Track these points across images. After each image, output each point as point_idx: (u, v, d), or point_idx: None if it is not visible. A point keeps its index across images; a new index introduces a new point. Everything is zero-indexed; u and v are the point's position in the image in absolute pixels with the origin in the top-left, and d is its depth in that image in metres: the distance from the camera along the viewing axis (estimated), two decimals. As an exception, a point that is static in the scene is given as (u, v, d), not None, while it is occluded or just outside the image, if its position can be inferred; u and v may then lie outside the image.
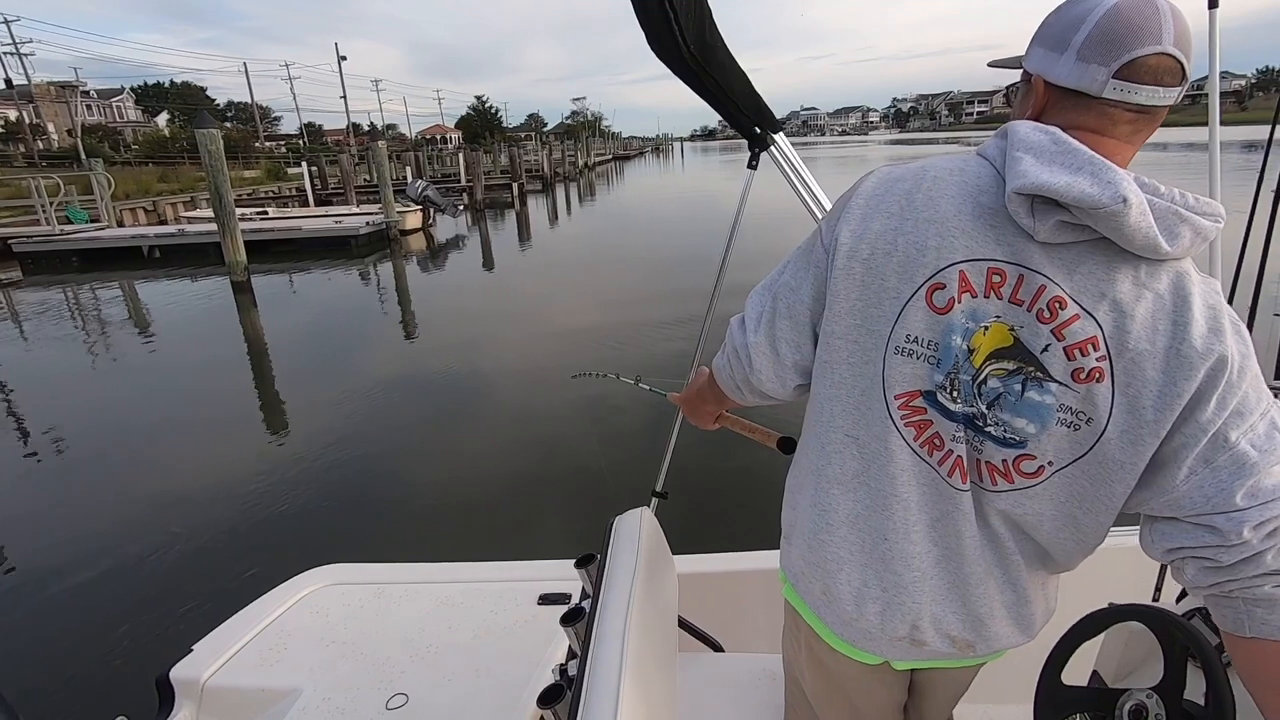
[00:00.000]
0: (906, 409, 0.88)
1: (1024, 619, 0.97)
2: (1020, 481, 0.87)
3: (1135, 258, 0.79)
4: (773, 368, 1.00)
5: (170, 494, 4.78)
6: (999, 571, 0.94)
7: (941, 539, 0.92)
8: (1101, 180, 0.75)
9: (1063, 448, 0.84)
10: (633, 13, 1.43)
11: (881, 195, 0.89)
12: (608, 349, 7.61)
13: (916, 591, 0.94)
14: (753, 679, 1.55)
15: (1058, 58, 0.83)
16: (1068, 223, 0.78)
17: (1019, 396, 0.84)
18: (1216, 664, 0.99)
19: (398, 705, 1.47)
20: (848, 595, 0.97)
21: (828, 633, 1.05)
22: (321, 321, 10.29)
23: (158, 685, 1.61)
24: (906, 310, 0.85)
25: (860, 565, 0.95)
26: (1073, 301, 0.80)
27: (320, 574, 1.97)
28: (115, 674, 3.05)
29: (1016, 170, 0.78)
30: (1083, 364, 0.80)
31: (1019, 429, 0.85)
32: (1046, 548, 0.93)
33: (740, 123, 1.69)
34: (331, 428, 5.75)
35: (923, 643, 0.97)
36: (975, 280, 0.83)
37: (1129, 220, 0.74)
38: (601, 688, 0.98)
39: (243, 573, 3.75)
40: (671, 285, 11.05)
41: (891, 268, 0.85)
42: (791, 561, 1.06)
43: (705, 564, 1.98)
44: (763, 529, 2.48)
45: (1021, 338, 0.82)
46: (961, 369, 0.85)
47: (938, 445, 0.89)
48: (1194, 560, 0.83)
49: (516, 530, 4.15)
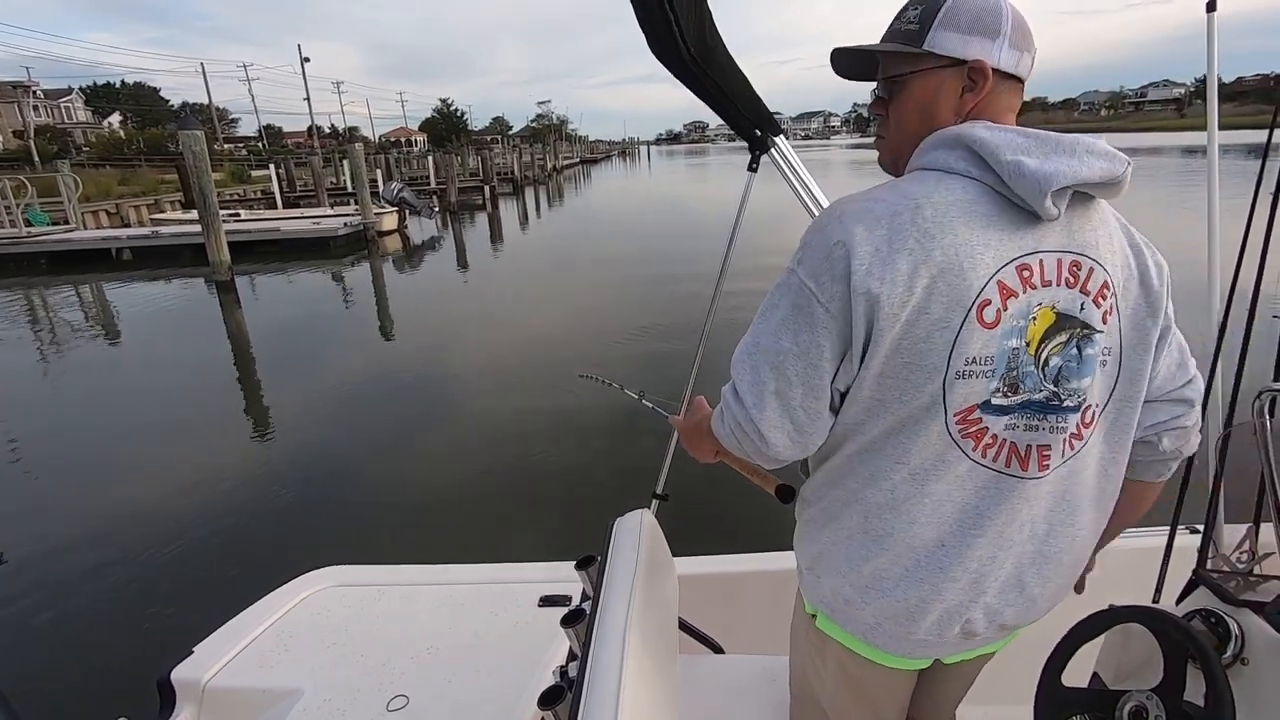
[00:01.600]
0: (964, 423, 0.90)
1: (1066, 588, 1.04)
2: (1086, 434, 0.94)
3: (1091, 204, 0.91)
4: (790, 438, 0.95)
5: (170, 492, 4.78)
6: (1055, 549, 0.98)
7: (1008, 537, 0.95)
8: (1100, 153, 0.85)
9: (1102, 386, 0.94)
10: (628, 15, 1.42)
11: (888, 235, 0.85)
12: (598, 347, 7.63)
13: (975, 591, 0.96)
14: (753, 680, 1.55)
15: (992, 43, 0.89)
16: (1066, 197, 0.86)
17: (1078, 359, 0.90)
18: (1216, 665, 0.99)
19: (399, 707, 1.47)
20: (902, 613, 0.97)
21: (875, 653, 1.05)
22: (307, 320, 10.32)
23: (158, 687, 1.61)
24: (961, 336, 0.85)
25: (917, 581, 0.96)
26: (1084, 257, 0.89)
27: (321, 576, 1.97)
28: (116, 675, 3.04)
29: (1026, 174, 0.83)
30: (1105, 306, 0.90)
31: (1083, 389, 0.91)
32: (1093, 506, 0.99)
33: (740, 125, 1.69)
34: (326, 427, 5.76)
35: (974, 634, 1.00)
36: (1011, 283, 0.86)
37: (1128, 176, 0.86)
38: (602, 689, 0.98)
39: (242, 573, 3.75)
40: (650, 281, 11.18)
41: (937, 301, 0.85)
42: (827, 593, 1.04)
43: (705, 565, 1.98)
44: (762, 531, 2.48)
45: (1062, 310, 0.88)
46: (1021, 365, 0.88)
47: (992, 444, 0.91)
48: (1169, 432, 1.02)
49: (515, 529, 4.15)
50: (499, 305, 10.84)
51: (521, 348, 7.94)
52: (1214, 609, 1.22)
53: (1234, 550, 1.35)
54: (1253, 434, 1.26)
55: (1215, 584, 1.26)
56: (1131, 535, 1.90)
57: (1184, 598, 1.32)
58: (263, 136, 67.34)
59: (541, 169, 46.15)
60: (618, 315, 9.13)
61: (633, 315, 9.07)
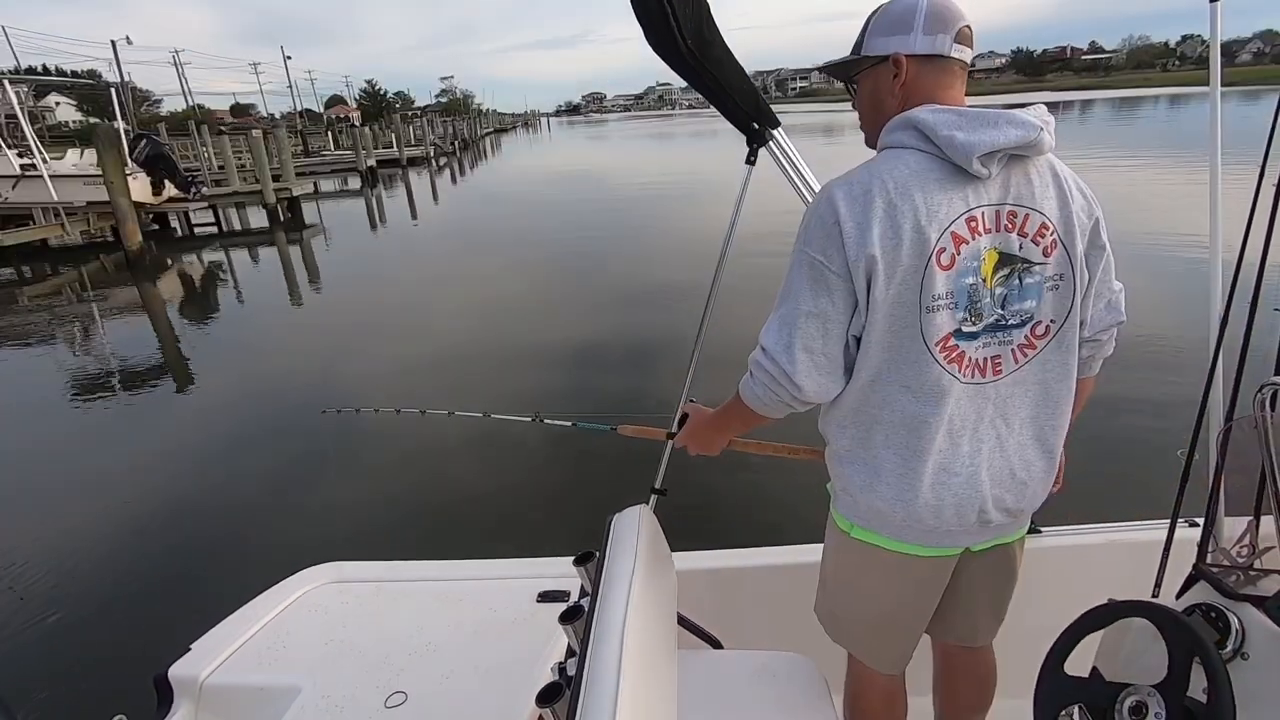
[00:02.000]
0: (944, 349, 1.14)
1: (1049, 472, 1.27)
2: (1040, 344, 1.20)
3: (1030, 162, 1.14)
4: (818, 381, 1.18)
5: (168, 492, 4.78)
6: (1033, 438, 1.24)
7: (988, 432, 1.20)
8: (1018, 123, 1.08)
9: (1055, 305, 1.18)
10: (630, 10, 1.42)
11: (864, 209, 1.10)
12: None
13: (978, 484, 1.21)
14: (752, 675, 1.55)
15: (906, 36, 1.14)
16: (998, 159, 1.10)
17: (1020, 287, 1.16)
18: (1216, 661, 0.99)
19: (397, 703, 1.47)
20: (928, 513, 1.21)
21: (910, 547, 1.28)
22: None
23: (156, 684, 1.60)
24: (926, 278, 1.10)
25: (932, 484, 1.20)
26: (1019, 206, 1.13)
27: (318, 572, 1.97)
28: (113, 673, 3.04)
29: (958, 144, 1.07)
30: (1045, 242, 1.15)
31: (1027, 310, 1.17)
32: (1059, 399, 1.24)
33: (738, 118, 1.68)
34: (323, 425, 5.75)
35: (989, 521, 1.24)
36: (962, 232, 1.11)
37: (1045, 139, 1.10)
38: (600, 686, 0.98)
39: (240, 570, 3.74)
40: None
41: (905, 254, 1.09)
42: (861, 507, 1.28)
43: (704, 560, 1.98)
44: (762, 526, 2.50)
45: (1004, 250, 1.14)
46: (980, 297, 1.14)
47: (971, 365, 1.16)
48: (1108, 329, 1.30)
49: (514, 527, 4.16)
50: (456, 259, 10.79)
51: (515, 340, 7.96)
52: (1214, 603, 1.21)
53: (1234, 544, 1.34)
54: (1254, 427, 1.25)
55: (1215, 578, 1.26)
56: (1131, 529, 1.91)
57: (1184, 592, 1.31)
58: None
59: (466, 139, 56.22)
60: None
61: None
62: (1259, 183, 1.44)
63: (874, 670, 1.46)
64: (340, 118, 75.26)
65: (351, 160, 29.37)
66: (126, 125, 17.36)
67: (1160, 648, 1.07)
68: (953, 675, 1.57)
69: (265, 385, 7.07)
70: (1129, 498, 3.52)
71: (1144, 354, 5.49)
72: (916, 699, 1.60)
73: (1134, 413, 4.53)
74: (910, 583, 1.34)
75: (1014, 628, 1.50)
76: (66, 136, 26.74)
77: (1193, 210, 10.78)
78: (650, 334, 7.44)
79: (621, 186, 21.90)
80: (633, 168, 29.35)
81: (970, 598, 1.43)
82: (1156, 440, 4.17)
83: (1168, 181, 15.45)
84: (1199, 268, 1.55)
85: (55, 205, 14.81)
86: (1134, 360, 5.27)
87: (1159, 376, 5.02)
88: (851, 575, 1.40)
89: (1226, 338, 1.46)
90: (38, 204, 15.08)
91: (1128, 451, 4.29)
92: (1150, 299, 6.83)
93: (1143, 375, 5.11)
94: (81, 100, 56.97)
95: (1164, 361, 5.32)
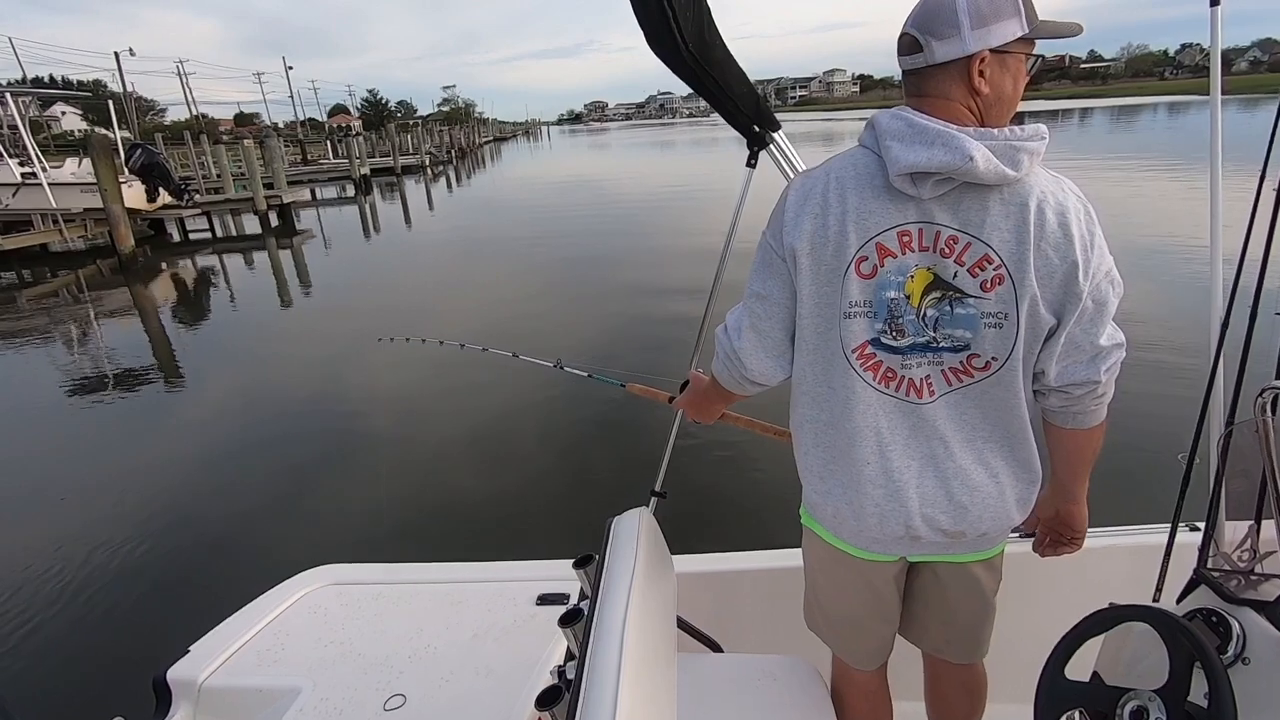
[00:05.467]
0: (862, 357, 1.15)
1: (1000, 498, 1.19)
2: (979, 375, 1.14)
3: (994, 191, 1.05)
4: (762, 361, 1.23)
5: (167, 491, 4.77)
6: (976, 462, 1.18)
7: (919, 450, 1.17)
8: (950, 147, 1.00)
9: (997, 344, 1.11)
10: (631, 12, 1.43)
11: (803, 201, 1.13)
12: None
13: (905, 499, 1.17)
14: (752, 679, 1.55)
15: (1009, 22, 1.05)
16: (941, 179, 1.04)
17: (951, 314, 1.11)
18: (1218, 665, 0.99)
19: (396, 706, 1.47)
20: (847, 514, 1.22)
21: (842, 544, 1.30)
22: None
23: (154, 686, 1.60)
24: (845, 283, 1.11)
25: (855, 490, 1.20)
26: (962, 234, 1.07)
27: (318, 574, 1.96)
28: (111, 675, 3.04)
29: (890, 158, 1.05)
30: (985, 276, 1.08)
31: (960, 336, 1.12)
32: (1008, 432, 1.17)
33: (738, 121, 1.68)
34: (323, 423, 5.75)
35: (918, 538, 1.21)
36: (890, 245, 1.09)
37: (979, 168, 1.00)
38: (600, 689, 0.97)
39: (239, 572, 3.74)
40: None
41: (829, 254, 1.11)
42: (807, 495, 1.32)
43: (704, 564, 1.98)
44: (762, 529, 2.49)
45: (937, 273, 1.10)
46: (902, 313, 1.12)
47: (890, 376, 1.15)
48: (1080, 385, 1.16)
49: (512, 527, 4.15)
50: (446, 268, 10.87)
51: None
52: (1215, 608, 1.21)
53: (1235, 548, 1.34)
54: (1254, 432, 1.25)
55: (1216, 583, 1.26)
56: (1132, 533, 1.90)
57: (1185, 596, 1.31)
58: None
59: (465, 146, 59.73)
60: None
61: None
62: (1259, 187, 1.44)
63: (851, 667, 1.47)
64: (342, 127, 75.88)
65: (347, 169, 29.70)
66: (128, 134, 18.03)
67: (1161, 652, 1.06)
68: (940, 685, 1.54)
69: (252, 383, 7.09)
70: (1129, 502, 3.52)
71: (1144, 357, 5.50)
72: (911, 704, 1.60)
73: (1134, 416, 4.53)
74: (856, 580, 1.34)
75: (1014, 632, 1.49)
76: (71, 146, 27.04)
77: (1190, 216, 10.81)
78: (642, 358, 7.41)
79: (617, 195, 21.97)
80: (629, 176, 29.40)
81: (936, 611, 1.39)
82: (1157, 444, 4.17)
83: (1167, 188, 15.44)
84: (1199, 271, 1.55)
85: (53, 211, 15.23)
86: (1134, 363, 5.25)
87: (1159, 380, 5.02)
88: (809, 564, 1.45)
89: (1227, 342, 1.46)
90: (37, 210, 15.49)
91: (1128, 455, 4.29)
92: (1150, 302, 6.85)
93: (1143, 378, 5.11)
94: (86, 110, 57.45)
95: (1164, 365, 5.33)
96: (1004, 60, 1.05)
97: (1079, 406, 1.18)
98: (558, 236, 14.60)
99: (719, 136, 60.58)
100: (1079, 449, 1.25)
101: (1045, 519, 1.38)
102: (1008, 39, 1.03)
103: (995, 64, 1.04)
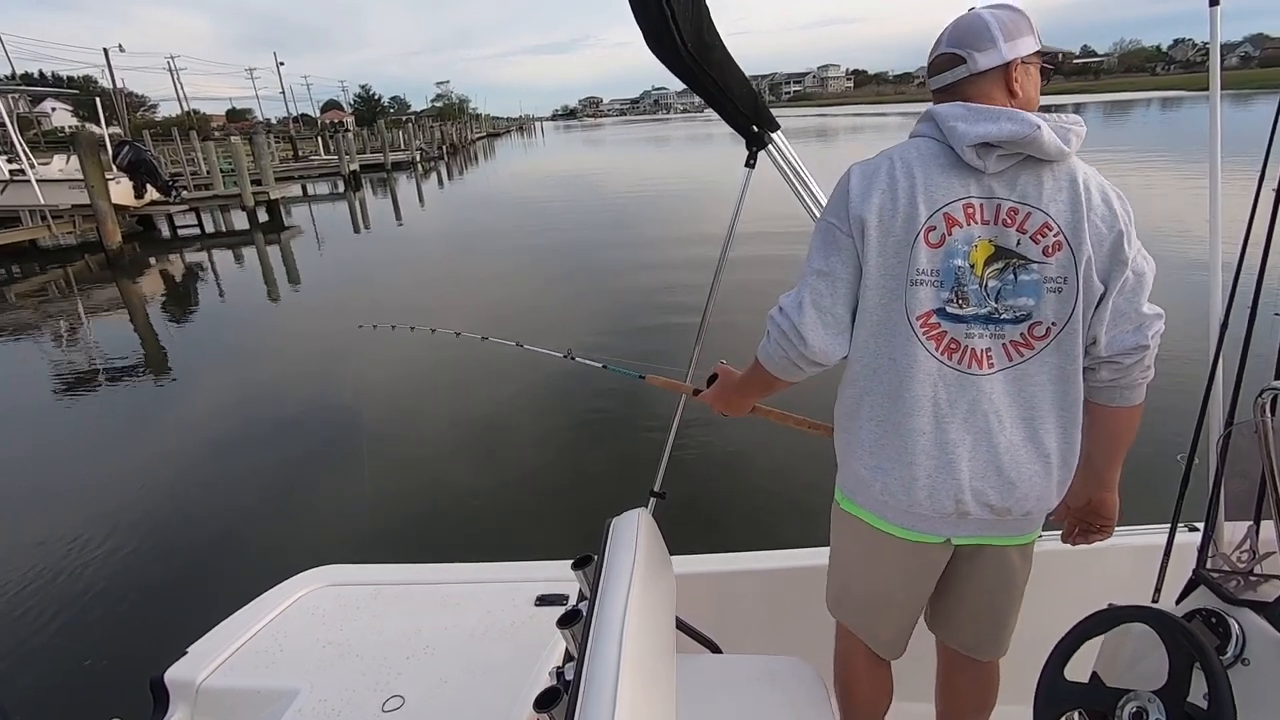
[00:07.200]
0: (926, 325, 1.19)
1: (1046, 477, 1.23)
2: (1039, 345, 1.20)
3: (1048, 164, 1.16)
4: (824, 338, 1.23)
5: (165, 490, 4.76)
6: (1026, 439, 1.21)
7: (974, 424, 1.20)
8: (1016, 120, 1.11)
9: (1058, 308, 1.18)
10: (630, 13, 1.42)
11: (870, 179, 1.19)
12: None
13: (957, 472, 1.21)
14: (751, 680, 1.55)
15: (1027, 38, 1.22)
16: (1004, 155, 1.14)
17: (1014, 283, 1.17)
18: (1217, 666, 0.99)
19: (394, 707, 1.46)
20: (900, 488, 1.24)
21: (886, 525, 1.30)
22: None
23: (152, 687, 1.59)
24: (914, 252, 1.16)
25: (908, 463, 1.22)
26: (1022, 205, 1.16)
27: (316, 575, 1.96)
28: (109, 676, 3.03)
29: (957, 134, 1.14)
30: (1046, 242, 1.16)
31: (1022, 306, 1.18)
32: (1059, 404, 1.22)
33: (737, 121, 1.68)
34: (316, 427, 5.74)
35: (966, 513, 1.23)
36: (956, 215, 1.16)
37: (1044, 138, 1.11)
38: (598, 691, 0.97)
39: (237, 573, 3.73)
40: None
41: (898, 225, 1.16)
42: (849, 476, 1.34)
43: (703, 564, 1.97)
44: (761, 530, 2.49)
45: (999, 243, 1.17)
46: (967, 282, 1.17)
47: (954, 348, 1.19)
48: (1130, 353, 1.22)
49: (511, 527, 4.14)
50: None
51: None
52: (1214, 608, 1.21)
53: (1235, 549, 1.34)
54: (1254, 432, 1.25)
55: (1216, 583, 1.26)
56: (1131, 534, 1.90)
57: (1184, 597, 1.31)
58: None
59: (458, 142, 59.38)
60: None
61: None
62: (1259, 187, 1.44)
63: (861, 654, 1.50)
64: (334, 123, 75.45)
65: (338, 165, 29.61)
66: (118, 130, 18.24)
67: (1161, 653, 1.06)
68: (953, 679, 1.57)
69: (241, 378, 7.07)
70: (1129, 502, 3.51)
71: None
72: (919, 705, 1.60)
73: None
74: (894, 564, 1.36)
75: (1014, 632, 1.50)
76: (61, 142, 27.07)
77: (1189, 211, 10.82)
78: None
79: (609, 192, 21.95)
80: (619, 172, 29.35)
81: (969, 603, 1.42)
82: (1156, 445, 4.17)
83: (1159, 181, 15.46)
84: (1199, 272, 1.55)
85: (42, 208, 15.33)
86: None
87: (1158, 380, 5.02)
88: (844, 550, 1.46)
89: (1226, 343, 1.46)
90: (25, 207, 15.62)
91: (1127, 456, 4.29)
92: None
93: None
94: (77, 106, 57.43)
95: (1163, 366, 5.32)
96: (1028, 69, 1.21)
97: (1127, 379, 1.24)
98: (548, 230, 14.64)
99: (713, 132, 61.07)
100: (1120, 431, 1.30)
101: (1075, 508, 1.41)
102: (1029, 51, 1.20)
103: (1023, 72, 1.20)
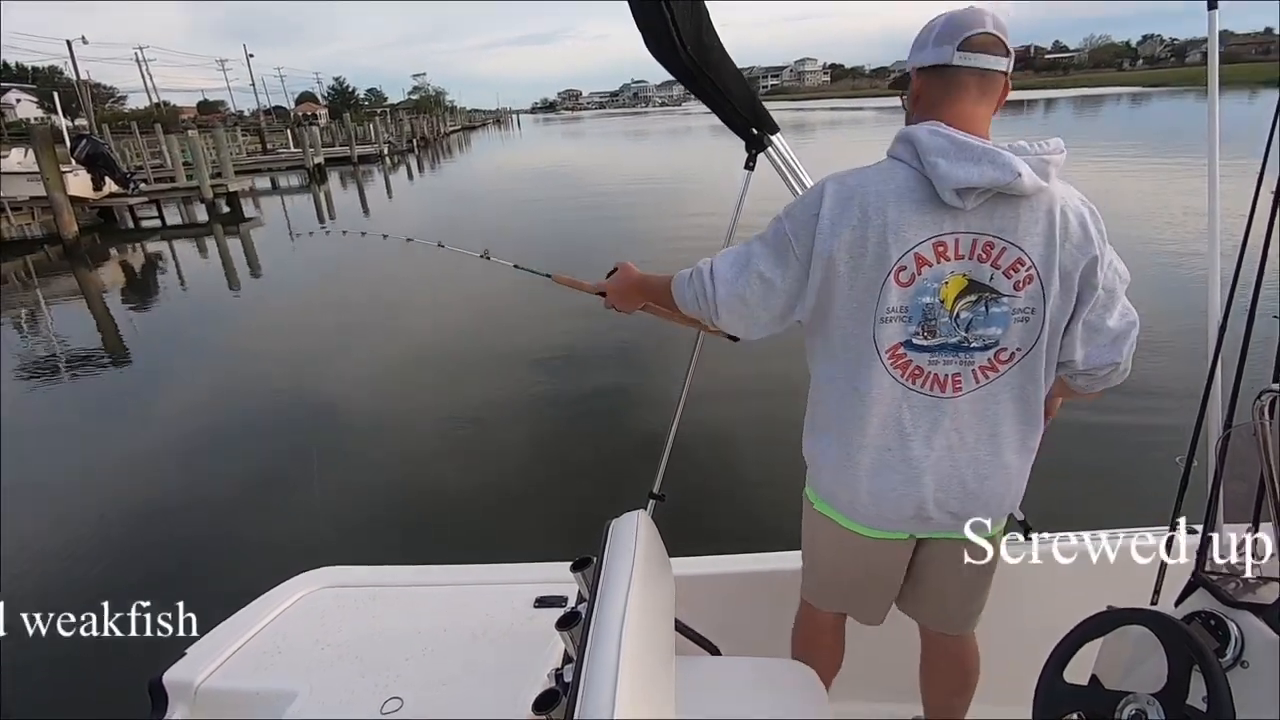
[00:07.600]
0: (893, 356, 1.24)
1: (1007, 484, 1.33)
2: (1003, 369, 1.26)
3: (1022, 200, 1.16)
4: (737, 326, 1.32)
5: (164, 489, 4.76)
6: (990, 454, 1.29)
7: (939, 441, 1.28)
8: (999, 165, 1.11)
9: (1023, 335, 1.24)
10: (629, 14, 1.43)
11: (842, 209, 1.18)
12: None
13: (921, 486, 1.29)
14: (750, 682, 1.54)
15: (920, 52, 1.22)
16: (983, 192, 1.14)
17: (985, 314, 1.22)
18: (1216, 669, 0.99)
19: (393, 709, 1.46)
20: (867, 499, 1.33)
21: (857, 525, 1.40)
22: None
23: (150, 689, 1.59)
24: (883, 291, 1.19)
25: (873, 476, 1.31)
26: (998, 239, 1.17)
27: (315, 577, 1.96)
28: (108, 677, 3.02)
29: (938, 175, 1.13)
30: (1018, 277, 1.19)
31: (990, 335, 1.23)
32: (1020, 419, 1.30)
33: (736, 124, 1.68)
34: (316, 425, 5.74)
35: (928, 518, 1.33)
36: (927, 255, 1.18)
37: (1025, 184, 1.12)
38: (597, 693, 0.97)
39: (237, 574, 3.72)
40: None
41: (867, 264, 1.18)
42: (821, 482, 1.43)
43: (703, 566, 1.97)
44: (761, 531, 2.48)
45: (972, 278, 1.20)
46: (936, 316, 1.21)
47: (918, 374, 1.25)
48: (1104, 368, 1.32)
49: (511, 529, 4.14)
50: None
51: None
52: (1213, 611, 1.21)
53: (1234, 552, 1.34)
54: (1253, 435, 1.25)
55: (1215, 586, 1.25)
56: (1130, 536, 1.90)
57: (1183, 599, 1.31)
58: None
59: (434, 134, 60.48)
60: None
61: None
62: (1257, 188, 1.44)
63: (819, 611, 1.64)
64: (307, 115, 74.65)
65: (301, 158, 29.78)
66: (84, 122, 18.68)
67: (1160, 655, 1.06)
68: (934, 659, 1.65)
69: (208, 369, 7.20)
70: (1128, 504, 3.52)
71: (1142, 358, 5.48)
72: (907, 706, 1.60)
73: (1132, 418, 4.53)
74: (862, 559, 1.46)
75: (1012, 635, 1.49)
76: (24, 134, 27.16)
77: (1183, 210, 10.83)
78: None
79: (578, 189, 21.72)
80: (595, 168, 29.19)
81: (934, 586, 1.51)
82: (1155, 447, 4.17)
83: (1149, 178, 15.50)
84: (1197, 274, 1.55)
85: (0, 199, 15.65)
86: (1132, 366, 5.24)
87: (1157, 382, 5.02)
88: (814, 542, 1.55)
89: (1225, 344, 1.46)
90: None
91: (1126, 458, 4.29)
92: (1148, 302, 6.81)
93: (1141, 380, 5.10)
94: (41, 98, 57.32)
95: (1162, 367, 5.33)
96: (1008, 82, 1.25)
97: (1102, 384, 1.37)
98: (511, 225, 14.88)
99: (693, 125, 61.83)
100: (1078, 398, 1.48)
101: None
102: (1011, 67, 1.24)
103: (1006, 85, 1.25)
